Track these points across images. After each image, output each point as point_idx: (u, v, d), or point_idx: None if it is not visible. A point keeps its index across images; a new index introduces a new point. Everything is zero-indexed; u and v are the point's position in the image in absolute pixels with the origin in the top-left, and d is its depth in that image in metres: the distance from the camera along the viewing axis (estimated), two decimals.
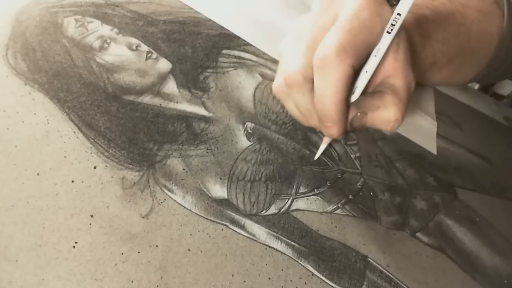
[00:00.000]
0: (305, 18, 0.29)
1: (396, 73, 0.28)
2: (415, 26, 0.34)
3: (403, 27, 0.26)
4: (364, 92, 0.29)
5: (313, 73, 0.27)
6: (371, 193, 0.39)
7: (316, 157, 0.38)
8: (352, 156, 0.42)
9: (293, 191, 0.36)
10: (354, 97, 0.29)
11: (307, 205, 0.36)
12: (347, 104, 0.28)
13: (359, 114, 0.29)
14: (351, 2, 0.26)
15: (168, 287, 0.27)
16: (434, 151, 0.47)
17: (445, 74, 0.42)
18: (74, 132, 0.31)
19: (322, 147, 0.36)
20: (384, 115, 0.28)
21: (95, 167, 0.30)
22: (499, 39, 0.40)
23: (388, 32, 0.26)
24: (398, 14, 0.25)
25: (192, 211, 0.31)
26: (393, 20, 0.25)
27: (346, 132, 0.29)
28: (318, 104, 0.27)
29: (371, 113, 0.28)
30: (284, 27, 0.51)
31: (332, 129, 0.28)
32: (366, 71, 0.27)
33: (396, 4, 0.25)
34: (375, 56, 0.27)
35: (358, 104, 0.29)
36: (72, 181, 0.29)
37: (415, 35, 0.34)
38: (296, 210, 0.35)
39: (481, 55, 0.42)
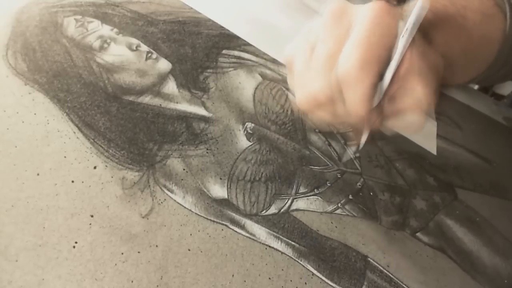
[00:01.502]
0: (316, 25, 0.30)
1: (417, 60, 0.28)
2: (418, 33, 0.35)
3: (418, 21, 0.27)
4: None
5: (339, 89, 0.27)
6: (371, 193, 0.39)
7: (343, 160, 0.39)
8: (352, 156, 0.42)
9: (293, 191, 0.36)
10: (377, 98, 0.29)
11: (307, 205, 0.36)
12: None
13: (387, 101, 0.29)
14: (363, 16, 0.26)
15: (168, 287, 0.27)
16: (434, 151, 0.47)
17: (445, 75, 0.42)
18: (74, 132, 0.31)
19: (348, 153, 0.37)
20: (414, 96, 0.28)
21: (95, 167, 0.30)
22: (501, 41, 0.40)
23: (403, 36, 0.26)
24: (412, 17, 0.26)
25: (192, 211, 0.31)
26: (407, 25, 0.26)
27: (375, 124, 0.30)
28: (354, 114, 0.28)
29: (399, 98, 0.29)
30: (284, 27, 0.51)
31: (360, 136, 0.30)
32: (388, 72, 0.28)
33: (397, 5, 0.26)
34: (394, 60, 0.27)
35: (386, 93, 0.29)
36: (72, 181, 0.29)
37: (417, 39, 0.35)
38: (296, 210, 0.35)
39: (483, 57, 0.42)
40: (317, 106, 0.30)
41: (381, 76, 0.28)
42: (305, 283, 0.31)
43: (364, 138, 0.35)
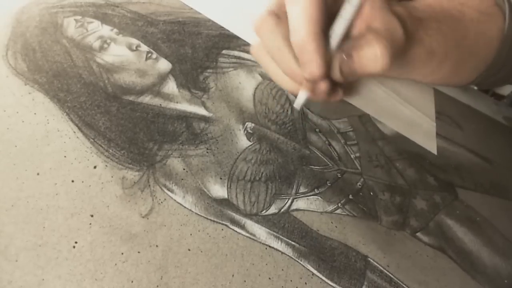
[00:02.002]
0: None
1: (374, 18, 0.27)
2: (406, 13, 0.34)
3: None
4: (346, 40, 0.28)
5: (280, 11, 0.27)
6: (371, 193, 0.39)
7: (295, 105, 0.32)
8: (352, 156, 0.42)
9: (293, 191, 0.36)
10: (333, 42, 0.28)
11: (307, 205, 0.36)
12: (326, 41, 0.27)
13: (344, 56, 0.28)
14: None
15: (168, 287, 0.27)
16: (434, 151, 0.47)
17: (444, 73, 0.41)
18: (74, 132, 0.31)
19: (301, 95, 0.31)
20: (369, 53, 0.27)
21: (95, 167, 0.30)
22: (500, 42, 0.40)
23: None
24: None
25: (192, 211, 0.31)
26: None
27: (334, 75, 0.28)
28: (295, 37, 0.26)
29: (356, 54, 0.27)
30: None
31: (311, 65, 0.27)
32: (342, 14, 0.27)
33: None
34: (349, 2, 0.26)
35: (342, 49, 0.28)
36: (72, 181, 0.29)
37: (407, 19, 0.34)
38: (296, 210, 0.35)
39: (481, 56, 0.42)
40: (259, 31, 0.28)
41: (332, 19, 0.27)
42: (305, 283, 0.31)
43: (304, 94, 0.31)
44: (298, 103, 0.31)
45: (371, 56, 0.27)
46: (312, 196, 0.36)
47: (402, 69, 0.35)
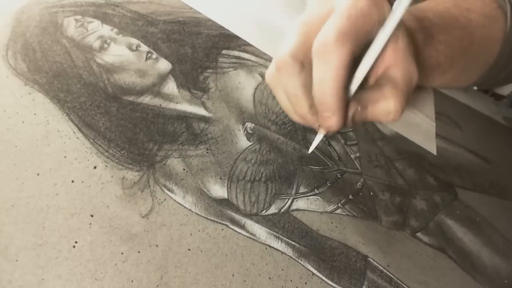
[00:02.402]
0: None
1: (395, 64, 0.28)
2: (417, 25, 0.35)
3: (403, 20, 0.26)
4: (365, 86, 0.29)
5: (305, 56, 0.26)
6: (371, 193, 0.39)
7: (310, 150, 0.35)
8: (352, 156, 0.42)
9: (293, 191, 0.36)
10: (352, 88, 0.28)
11: (307, 205, 0.36)
12: (346, 95, 0.28)
13: (359, 108, 0.28)
14: None
15: (168, 287, 0.27)
16: (434, 151, 0.47)
17: (447, 78, 0.42)
18: (74, 132, 0.31)
19: (317, 139, 0.33)
20: (384, 107, 0.28)
21: (95, 167, 0.30)
22: (502, 43, 0.40)
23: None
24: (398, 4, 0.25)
25: (192, 211, 0.31)
26: (393, 10, 0.26)
27: (345, 125, 0.28)
28: (318, 91, 0.27)
29: (371, 106, 0.28)
30: (284, 27, 0.51)
31: (330, 120, 0.27)
32: (365, 61, 0.27)
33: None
34: (377, 44, 0.27)
35: (358, 99, 0.28)
36: (72, 181, 0.29)
37: (417, 32, 0.34)
38: (296, 210, 0.35)
39: (484, 59, 0.42)
40: (279, 71, 0.28)
41: (357, 64, 0.27)
42: (305, 283, 0.31)
43: (320, 136, 0.32)
44: (314, 146, 0.33)
45: (386, 110, 0.28)
46: (312, 196, 0.36)
47: None
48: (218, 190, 0.33)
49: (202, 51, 0.43)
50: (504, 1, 0.40)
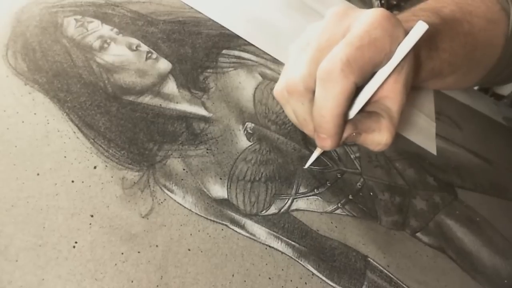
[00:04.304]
0: (317, 25, 0.29)
1: (393, 96, 0.29)
2: (424, 40, 0.34)
3: (412, 50, 0.26)
4: (361, 110, 0.29)
5: (315, 84, 0.27)
6: (371, 193, 0.39)
7: (306, 166, 0.37)
8: (352, 156, 0.42)
9: (293, 191, 0.36)
10: (352, 114, 0.29)
11: (307, 205, 0.36)
12: (345, 120, 0.28)
13: (354, 134, 0.29)
14: (365, 18, 0.25)
15: (168, 287, 0.27)
16: (434, 151, 0.47)
17: (449, 82, 0.42)
18: (74, 132, 0.31)
19: (314, 155, 0.36)
20: (377, 138, 0.29)
21: (95, 167, 0.30)
22: (504, 44, 0.40)
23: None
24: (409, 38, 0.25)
25: (192, 211, 0.31)
26: (403, 41, 0.25)
27: (339, 145, 0.29)
28: (317, 115, 0.27)
29: (365, 134, 0.29)
30: (285, 27, 0.51)
31: (326, 142, 0.28)
32: (367, 90, 0.28)
33: (398, 4, 0.26)
34: (378, 76, 0.27)
35: (354, 123, 0.29)
36: (72, 181, 0.29)
37: (422, 49, 0.34)
38: (296, 210, 0.35)
39: (486, 62, 0.42)
40: (286, 96, 0.29)
41: (358, 90, 0.28)
42: (305, 283, 0.31)
43: (316, 153, 0.35)
44: (310, 163, 0.37)
45: (378, 141, 0.29)
46: (312, 196, 0.36)
47: None
48: (218, 190, 0.33)
49: (202, 51, 0.43)
50: (508, 3, 0.40)
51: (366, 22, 0.25)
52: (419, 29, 0.25)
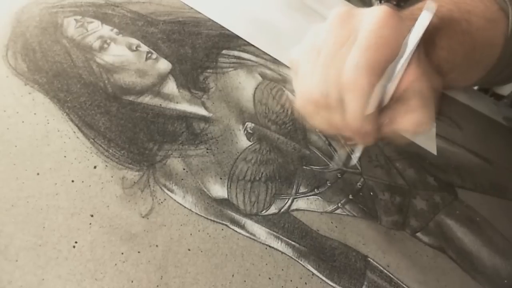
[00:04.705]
0: (321, 28, 0.29)
1: (420, 78, 0.29)
2: (423, 50, 0.35)
3: (423, 37, 0.27)
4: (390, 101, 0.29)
5: (342, 93, 0.27)
6: (371, 193, 0.39)
7: (352, 163, 0.39)
8: (352, 156, 0.42)
9: (293, 191, 0.36)
10: (382, 104, 0.29)
11: (307, 205, 0.36)
12: (376, 114, 0.29)
13: (387, 121, 0.29)
14: (369, 19, 0.26)
15: (168, 287, 0.27)
16: (434, 151, 0.47)
17: (447, 81, 0.42)
18: (74, 132, 0.31)
19: (358, 152, 0.36)
20: (414, 119, 0.28)
21: (95, 167, 0.30)
22: (503, 45, 0.40)
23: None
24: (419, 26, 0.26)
25: (192, 211, 0.31)
26: (414, 33, 0.26)
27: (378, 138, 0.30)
28: (352, 121, 0.28)
29: (400, 119, 0.29)
30: (285, 27, 0.51)
31: (368, 138, 0.29)
32: (390, 86, 0.28)
33: (397, 4, 0.26)
34: (401, 66, 0.27)
35: (385, 114, 0.29)
36: (72, 181, 0.29)
37: (420, 44, 0.34)
38: (296, 210, 0.35)
39: (485, 62, 0.42)
40: (315, 109, 0.30)
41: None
42: (305, 283, 0.31)
43: (360, 148, 0.35)
44: (356, 157, 0.37)
45: (416, 121, 0.28)
46: (312, 196, 0.36)
47: None
48: (218, 190, 0.33)
49: (202, 51, 0.43)
50: (506, 3, 0.40)
51: (373, 22, 0.26)
52: (426, 15, 0.26)
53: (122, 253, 0.27)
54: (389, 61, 0.27)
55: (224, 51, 0.44)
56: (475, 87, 0.66)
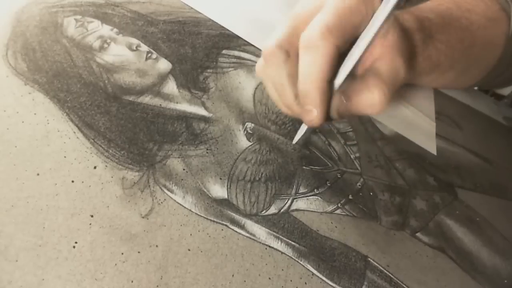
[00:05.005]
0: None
1: (382, 57, 0.28)
2: (417, 25, 0.34)
3: (392, 15, 0.26)
4: (351, 80, 0.29)
5: (291, 48, 0.27)
6: (371, 193, 0.39)
7: (294, 141, 0.33)
8: (352, 156, 0.42)
9: (293, 191, 0.36)
10: (338, 81, 0.28)
11: (307, 205, 0.36)
12: (330, 88, 0.27)
13: (344, 100, 0.28)
14: None
15: (168, 287, 0.27)
16: (434, 151, 0.47)
17: (448, 79, 0.41)
18: (74, 132, 0.31)
19: (301, 131, 0.33)
20: (368, 98, 0.27)
21: (95, 167, 0.30)
22: (504, 45, 0.40)
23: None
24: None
25: (192, 211, 0.31)
26: (382, 6, 0.26)
27: (329, 119, 0.28)
28: (301, 84, 0.27)
29: (355, 98, 0.28)
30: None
31: (312, 114, 0.27)
32: (351, 56, 0.27)
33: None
34: (361, 40, 0.27)
35: (342, 92, 0.28)
36: (72, 181, 0.29)
37: (415, 33, 0.34)
38: (296, 210, 0.35)
39: (485, 61, 0.42)
40: (266, 62, 0.29)
41: (343, 58, 0.28)
42: (305, 283, 0.31)
43: (304, 129, 0.32)
44: (298, 138, 0.32)
45: (369, 101, 0.27)
46: (312, 196, 0.36)
47: None
48: (218, 190, 0.33)
49: (202, 51, 0.43)
50: (508, 3, 0.40)
51: None
52: None
53: (122, 253, 0.27)
54: (351, 28, 0.26)
55: (224, 51, 0.44)
56: (476, 87, 0.66)
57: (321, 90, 0.26)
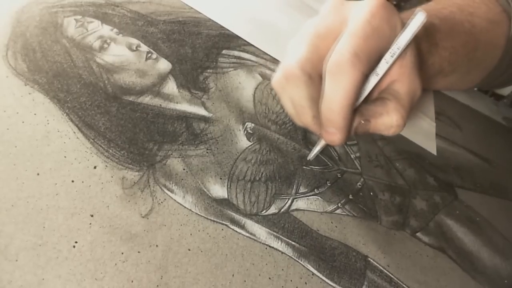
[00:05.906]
0: (315, 19, 0.29)
1: (400, 79, 0.28)
2: (423, 34, 0.35)
3: (414, 37, 0.26)
4: (368, 99, 0.29)
5: (312, 69, 0.27)
6: (371, 193, 0.39)
7: (310, 157, 0.37)
8: (352, 156, 0.42)
9: (293, 191, 0.36)
10: (358, 102, 0.29)
11: (307, 205, 0.36)
12: (352, 111, 0.28)
13: (362, 121, 0.29)
14: (361, 8, 0.26)
15: (168, 287, 0.27)
16: (434, 151, 0.47)
17: (449, 81, 0.42)
18: (74, 132, 0.31)
19: (317, 149, 0.35)
20: (386, 121, 0.28)
21: (95, 167, 0.30)
22: (505, 46, 0.40)
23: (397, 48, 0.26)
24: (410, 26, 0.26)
25: (192, 211, 0.31)
26: (405, 28, 0.26)
27: (348, 139, 0.29)
28: (326, 108, 0.27)
29: (374, 120, 0.29)
30: (284, 26, 0.51)
31: (335, 136, 0.28)
32: (372, 78, 0.28)
33: (398, 4, 0.26)
34: (386, 62, 0.27)
35: (361, 112, 0.29)
36: (72, 181, 0.29)
37: (422, 42, 0.34)
38: (296, 210, 0.35)
39: (487, 63, 0.42)
40: (286, 80, 0.28)
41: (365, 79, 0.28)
42: (305, 283, 0.31)
43: (320, 144, 0.34)
44: (313, 154, 0.36)
45: (388, 124, 0.28)
46: (312, 196, 0.36)
47: None
48: (218, 190, 0.33)
49: (202, 51, 0.43)
50: (509, 4, 0.40)
51: (365, 12, 0.25)
52: (419, 18, 0.26)
53: (122, 253, 0.27)
54: (377, 52, 0.26)
55: (224, 51, 0.44)
56: (475, 88, 0.66)
57: (346, 115, 0.27)
